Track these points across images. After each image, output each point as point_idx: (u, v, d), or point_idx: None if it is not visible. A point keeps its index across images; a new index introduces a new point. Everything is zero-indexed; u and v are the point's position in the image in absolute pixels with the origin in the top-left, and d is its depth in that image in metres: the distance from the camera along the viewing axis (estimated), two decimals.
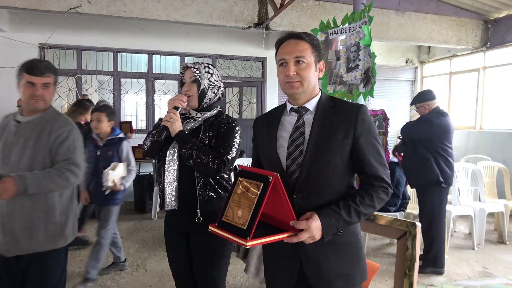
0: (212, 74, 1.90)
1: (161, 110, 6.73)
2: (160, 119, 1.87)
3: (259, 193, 1.21)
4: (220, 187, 1.85)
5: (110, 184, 2.97)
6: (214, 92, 1.90)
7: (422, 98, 3.70)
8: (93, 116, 3.12)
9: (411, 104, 3.82)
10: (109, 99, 6.52)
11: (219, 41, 6.67)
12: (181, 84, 1.91)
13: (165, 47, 6.49)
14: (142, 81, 6.68)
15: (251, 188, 1.25)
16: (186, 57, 6.69)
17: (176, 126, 1.78)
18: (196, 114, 1.90)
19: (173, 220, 1.94)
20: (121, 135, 3.26)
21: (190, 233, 1.89)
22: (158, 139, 1.81)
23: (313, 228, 1.25)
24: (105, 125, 3.12)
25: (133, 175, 3.19)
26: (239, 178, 1.32)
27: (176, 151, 1.83)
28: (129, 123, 6.22)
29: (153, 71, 6.61)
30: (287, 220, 1.28)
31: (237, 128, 1.86)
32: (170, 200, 1.83)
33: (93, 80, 6.54)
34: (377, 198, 1.35)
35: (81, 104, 4.49)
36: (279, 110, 1.51)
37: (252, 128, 1.59)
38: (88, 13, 4.77)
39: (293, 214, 1.26)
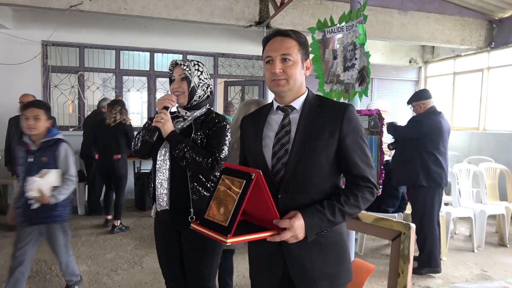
0: (202, 72, 1.89)
1: None
2: (150, 119, 1.85)
3: (241, 190, 1.20)
4: (212, 185, 1.85)
5: (34, 194, 2.41)
6: (203, 90, 1.90)
7: (417, 97, 3.71)
8: (28, 113, 2.51)
9: (408, 103, 3.80)
10: (111, 97, 6.55)
11: (221, 39, 6.66)
12: (170, 81, 1.90)
13: (167, 45, 6.51)
14: (144, 78, 6.70)
15: (234, 186, 1.24)
16: (187, 55, 6.70)
17: (168, 126, 1.77)
18: (186, 113, 1.89)
19: (165, 218, 1.93)
20: (59, 136, 2.66)
21: (182, 230, 1.88)
22: (150, 140, 1.78)
23: (296, 227, 1.24)
24: (44, 124, 2.55)
25: (70, 186, 2.58)
26: (223, 175, 1.31)
27: (168, 151, 1.82)
28: None
29: (155, 69, 6.63)
30: (270, 219, 1.27)
31: (227, 127, 1.86)
32: (162, 200, 1.82)
33: (95, 78, 6.57)
34: (362, 198, 1.34)
35: (122, 103, 4.76)
36: (266, 109, 1.50)
37: None
38: (89, 10, 4.78)
39: (276, 212, 1.25)
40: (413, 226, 1.90)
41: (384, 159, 2.90)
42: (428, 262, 3.53)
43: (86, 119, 5.60)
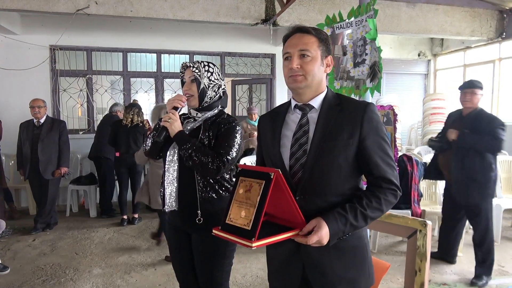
0: (212, 73, 1.87)
1: None
2: (160, 120, 1.85)
3: (261, 191, 1.17)
4: (220, 188, 1.83)
5: None
6: (214, 91, 1.87)
7: (479, 84, 3.18)
8: None
9: (464, 87, 3.20)
10: (119, 99, 6.58)
11: (228, 38, 6.64)
12: (182, 83, 1.90)
13: (174, 45, 6.51)
14: (152, 80, 6.71)
15: (253, 187, 1.21)
16: (194, 55, 6.69)
17: (175, 126, 1.76)
18: (197, 114, 1.87)
19: (174, 220, 1.93)
20: None
21: (192, 233, 1.87)
22: (157, 140, 1.79)
23: (322, 236, 1.21)
24: None
25: None
26: (240, 177, 1.28)
27: (176, 151, 1.81)
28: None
29: (162, 70, 6.63)
30: (292, 218, 1.24)
31: (237, 128, 1.82)
32: (170, 201, 1.81)
33: (103, 81, 6.60)
34: (385, 201, 1.29)
35: (139, 106, 5.22)
36: (284, 108, 1.46)
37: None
38: (95, 14, 4.79)
39: (298, 211, 1.22)
40: (429, 223, 1.87)
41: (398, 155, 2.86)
42: (488, 271, 3.27)
43: (101, 122, 5.62)
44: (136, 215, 5.12)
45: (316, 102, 1.37)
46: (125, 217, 5.03)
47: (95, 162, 5.49)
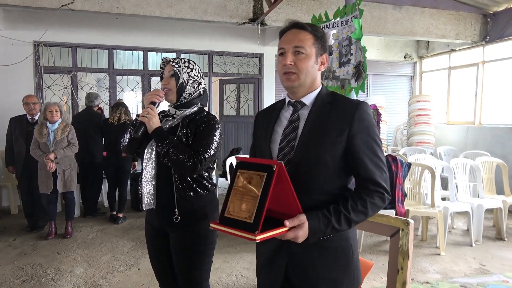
0: (192, 69, 1.85)
1: None
2: (138, 116, 1.82)
3: (263, 183, 1.14)
4: (198, 186, 1.80)
5: None
6: (194, 88, 1.85)
7: None
8: None
9: None
10: (105, 97, 6.49)
11: (215, 37, 6.61)
12: (161, 79, 1.87)
13: (161, 44, 6.45)
14: (138, 78, 6.63)
15: (254, 179, 1.18)
16: (182, 54, 6.64)
17: (154, 122, 1.73)
18: (175, 111, 1.84)
19: (152, 219, 1.90)
20: None
21: (169, 232, 1.85)
22: (135, 136, 1.76)
23: (299, 233, 1.19)
24: None
25: None
26: (239, 170, 1.24)
27: (154, 149, 1.78)
28: None
29: (149, 68, 6.57)
30: (290, 211, 1.22)
31: (217, 126, 1.80)
32: (148, 199, 1.79)
33: (89, 78, 6.49)
34: (371, 204, 1.26)
35: (126, 105, 5.22)
36: (280, 104, 1.46)
37: (250, 125, 1.54)
38: (80, 9, 4.73)
39: (298, 204, 1.19)
40: (411, 222, 1.89)
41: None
42: None
43: (76, 117, 5.44)
44: (120, 215, 5.08)
45: (308, 99, 1.36)
46: (114, 213, 5.11)
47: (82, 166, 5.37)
